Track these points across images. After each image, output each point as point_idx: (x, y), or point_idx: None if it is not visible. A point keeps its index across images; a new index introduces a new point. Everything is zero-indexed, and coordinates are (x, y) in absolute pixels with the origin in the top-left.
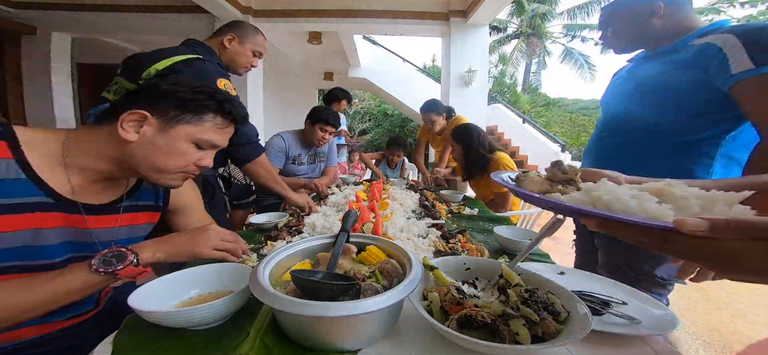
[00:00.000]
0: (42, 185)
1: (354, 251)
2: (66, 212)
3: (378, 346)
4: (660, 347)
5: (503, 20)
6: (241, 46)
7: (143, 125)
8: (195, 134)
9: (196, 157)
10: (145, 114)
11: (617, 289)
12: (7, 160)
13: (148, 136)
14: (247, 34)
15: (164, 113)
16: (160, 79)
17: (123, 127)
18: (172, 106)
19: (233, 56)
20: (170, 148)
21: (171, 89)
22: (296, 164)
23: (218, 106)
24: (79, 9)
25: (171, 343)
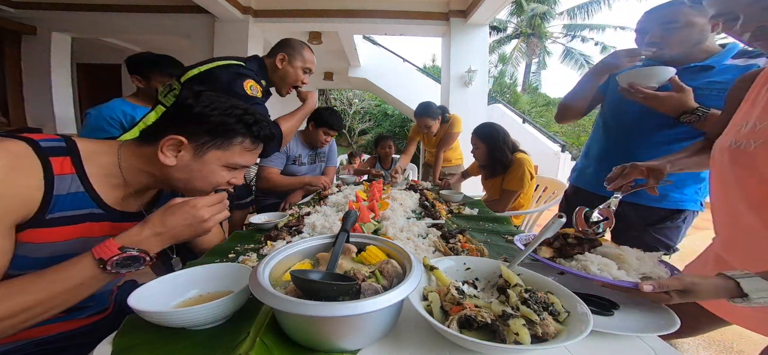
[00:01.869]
0: (96, 197)
1: (354, 251)
2: (113, 221)
3: (378, 346)
4: (659, 347)
5: (503, 20)
6: (290, 65)
7: (180, 150)
8: (225, 159)
9: (228, 177)
10: (182, 140)
11: (616, 289)
12: (71, 176)
13: (184, 161)
14: (294, 52)
15: (197, 138)
16: (195, 99)
17: (163, 152)
18: (204, 131)
19: (283, 76)
20: (204, 173)
21: (203, 112)
22: (297, 165)
23: (247, 129)
24: (79, 9)
25: (171, 343)
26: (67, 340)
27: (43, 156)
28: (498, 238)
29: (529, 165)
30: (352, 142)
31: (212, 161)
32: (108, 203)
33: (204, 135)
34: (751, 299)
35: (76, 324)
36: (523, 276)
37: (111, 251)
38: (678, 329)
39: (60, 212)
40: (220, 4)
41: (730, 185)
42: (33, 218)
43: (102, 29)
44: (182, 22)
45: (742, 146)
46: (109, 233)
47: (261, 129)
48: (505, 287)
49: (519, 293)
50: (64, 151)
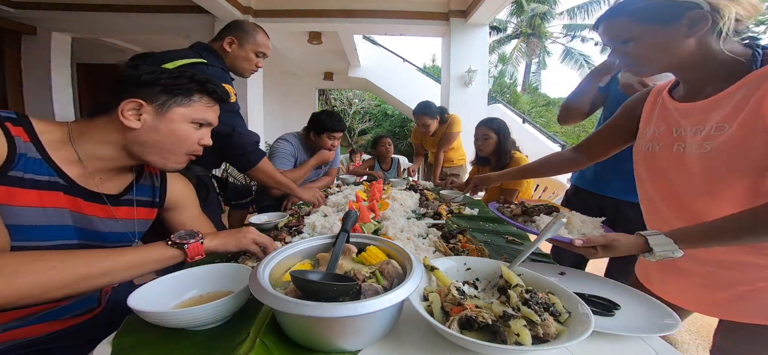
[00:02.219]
0: (54, 166)
1: (354, 251)
2: (74, 196)
3: (378, 347)
4: (661, 348)
5: (503, 20)
6: (241, 49)
7: (142, 113)
8: (190, 115)
9: (197, 136)
10: (140, 102)
11: (617, 289)
12: (26, 143)
13: (149, 123)
14: (246, 36)
15: (155, 99)
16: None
17: (124, 115)
18: (159, 92)
19: (234, 60)
20: (172, 131)
21: (152, 78)
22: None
23: (201, 87)
24: (79, 9)
25: (170, 343)
26: (55, 341)
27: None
28: (498, 238)
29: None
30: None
31: (178, 119)
32: (70, 176)
33: (161, 95)
34: (655, 252)
35: (63, 324)
36: (524, 277)
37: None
38: None
39: (22, 171)
40: (220, 4)
41: (646, 181)
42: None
43: (102, 29)
44: (182, 22)
45: (649, 149)
46: (72, 207)
47: (215, 86)
48: (506, 288)
49: (520, 293)
50: (17, 122)
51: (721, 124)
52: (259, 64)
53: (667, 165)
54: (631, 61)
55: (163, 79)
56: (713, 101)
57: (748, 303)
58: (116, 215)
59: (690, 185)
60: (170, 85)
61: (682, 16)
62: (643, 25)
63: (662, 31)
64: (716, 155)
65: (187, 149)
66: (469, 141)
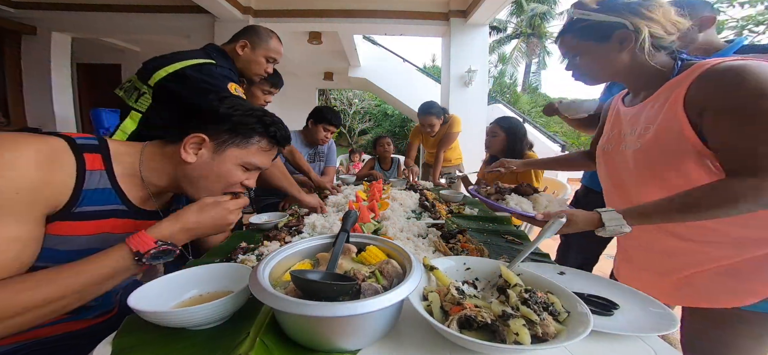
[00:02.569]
0: (121, 194)
1: (354, 251)
2: (134, 219)
3: (378, 346)
4: (659, 347)
5: (503, 20)
6: (253, 52)
7: (201, 148)
8: (242, 157)
9: (243, 177)
10: (204, 137)
11: (616, 289)
12: (100, 172)
13: (203, 159)
14: (259, 40)
15: (218, 136)
16: (220, 101)
17: (185, 149)
18: (225, 129)
19: (246, 64)
20: (222, 171)
21: (227, 113)
22: None
23: (265, 129)
24: (79, 9)
25: (170, 343)
26: (74, 339)
27: (78, 152)
28: (498, 238)
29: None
30: (352, 142)
31: (230, 160)
32: (132, 201)
33: (224, 133)
34: (607, 227)
35: (83, 324)
36: (523, 276)
37: (148, 245)
38: None
39: (87, 206)
40: (220, 4)
41: (604, 176)
42: (62, 210)
43: (102, 29)
44: (182, 22)
45: (605, 149)
46: (130, 229)
47: (278, 130)
48: (505, 287)
49: (519, 293)
50: (96, 149)
51: (647, 125)
52: (269, 69)
53: (617, 161)
54: (580, 72)
55: (235, 116)
56: (643, 105)
57: (690, 289)
58: None
59: (630, 178)
60: (237, 125)
61: (612, 34)
62: (584, 42)
63: (599, 47)
64: (644, 152)
65: (226, 189)
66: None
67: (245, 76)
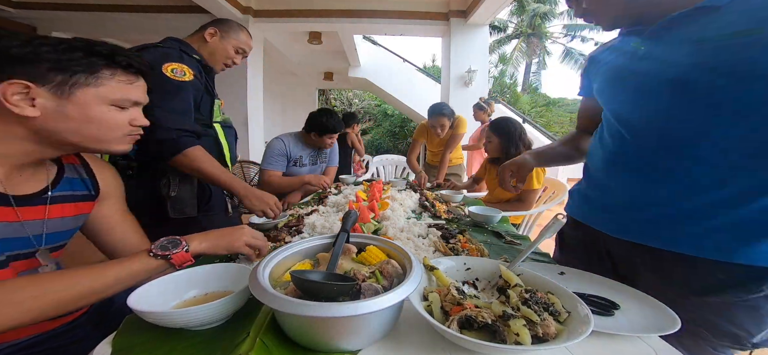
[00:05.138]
0: None
1: (354, 251)
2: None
3: (378, 346)
4: (660, 347)
5: (503, 20)
6: (222, 41)
7: (33, 97)
8: (106, 95)
9: (126, 118)
10: (25, 83)
11: (617, 289)
12: None
13: (51, 108)
14: (229, 30)
15: (47, 79)
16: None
17: (9, 101)
18: (48, 70)
19: (213, 51)
20: (87, 115)
21: (29, 53)
22: (298, 166)
23: (109, 61)
24: (79, 9)
25: (170, 343)
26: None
27: None
28: (498, 238)
29: None
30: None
31: (90, 102)
32: None
33: (52, 74)
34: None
35: (51, 325)
36: (524, 276)
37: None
38: None
39: None
40: (220, 4)
41: None
42: None
43: (102, 29)
44: (182, 23)
45: None
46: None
47: (126, 57)
48: (506, 288)
49: (519, 293)
50: None
51: None
52: (237, 60)
53: None
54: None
55: (45, 53)
56: None
57: None
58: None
59: None
60: (60, 62)
61: None
62: None
63: None
64: None
65: (120, 133)
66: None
67: (210, 64)
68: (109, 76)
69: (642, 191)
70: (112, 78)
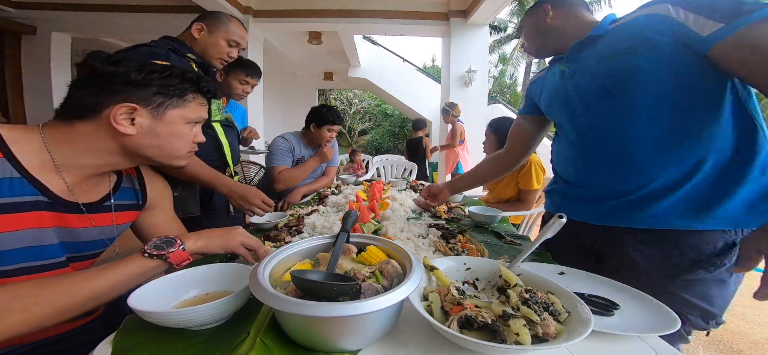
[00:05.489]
0: (37, 183)
1: (354, 251)
2: (59, 212)
3: (378, 346)
4: (660, 347)
5: (503, 20)
6: (210, 36)
7: (135, 117)
8: (185, 115)
9: (192, 134)
10: (134, 106)
11: (617, 289)
12: (1, 161)
13: (145, 127)
14: (217, 23)
15: (149, 101)
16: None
17: (117, 121)
18: (154, 93)
19: (204, 48)
20: (172, 133)
21: (143, 80)
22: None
23: (196, 87)
24: (79, 9)
25: (170, 343)
26: (54, 344)
27: None
28: (498, 238)
29: (536, 163)
30: (352, 142)
31: (176, 120)
32: (56, 193)
33: (155, 97)
34: None
35: (63, 328)
36: (524, 276)
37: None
38: None
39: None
40: (220, 4)
41: None
42: None
43: (102, 29)
44: (182, 22)
45: None
46: (57, 224)
47: (207, 84)
48: (506, 288)
49: (519, 293)
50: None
51: None
52: (232, 54)
53: None
54: None
55: (155, 80)
56: None
57: None
58: (114, 220)
59: None
60: (163, 87)
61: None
62: None
63: None
64: None
65: (188, 148)
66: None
67: (205, 62)
68: (191, 99)
69: (610, 183)
70: (193, 100)
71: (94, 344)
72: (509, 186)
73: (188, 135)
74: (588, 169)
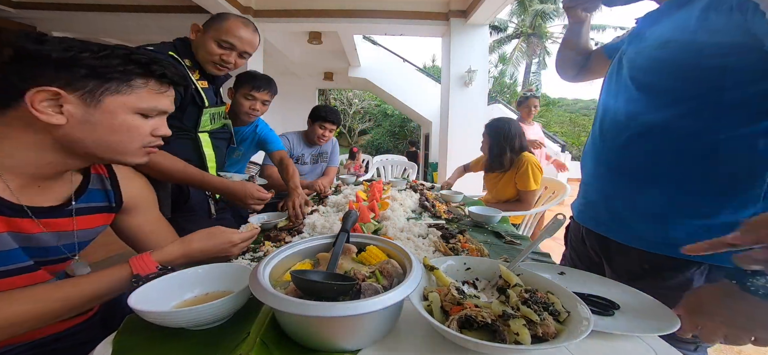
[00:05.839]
0: None
1: (354, 251)
2: (8, 216)
3: (378, 346)
4: (660, 347)
5: (503, 20)
6: (203, 35)
7: (62, 104)
8: (133, 104)
9: (148, 127)
10: (55, 90)
11: (617, 289)
12: None
13: (78, 116)
14: (211, 22)
15: (79, 85)
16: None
17: (37, 108)
18: (84, 76)
19: (197, 49)
20: (112, 124)
21: (69, 58)
22: (299, 164)
23: (144, 69)
24: (79, 9)
25: (171, 343)
26: (51, 344)
27: None
28: (498, 238)
29: (533, 164)
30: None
31: (117, 110)
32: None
33: (84, 80)
34: None
35: (60, 327)
36: (524, 276)
37: (149, 268)
38: None
39: None
40: (220, 4)
41: None
42: None
43: (102, 29)
44: (182, 22)
45: None
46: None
47: (161, 67)
48: (506, 288)
49: (519, 293)
50: None
51: None
52: (226, 57)
53: None
54: None
55: (86, 58)
56: None
57: None
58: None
59: None
60: (99, 68)
61: None
62: None
63: None
64: None
65: (140, 143)
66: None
67: (200, 65)
68: (141, 85)
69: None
70: (144, 87)
71: (91, 342)
72: (508, 186)
73: (140, 127)
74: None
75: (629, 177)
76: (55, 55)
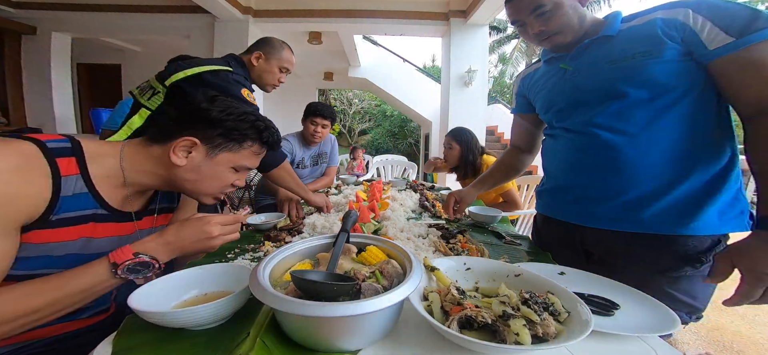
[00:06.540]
0: (98, 198)
1: (354, 251)
2: (117, 222)
3: (378, 346)
4: (660, 347)
5: (503, 20)
6: (266, 63)
7: (192, 151)
8: (235, 161)
9: (233, 179)
10: (195, 141)
11: (617, 289)
12: (76, 177)
13: (195, 163)
14: (272, 51)
15: (210, 140)
16: (211, 102)
17: (175, 152)
18: (218, 134)
19: (260, 74)
20: (213, 174)
21: (219, 117)
22: (300, 167)
23: (258, 135)
24: (79, 9)
25: (171, 343)
26: (71, 339)
27: (50, 157)
28: (498, 238)
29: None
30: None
31: (222, 163)
32: (110, 204)
33: (217, 138)
34: None
35: (79, 324)
36: (524, 276)
37: (125, 256)
38: None
39: (65, 213)
40: (220, 4)
41: None
42: (39, 219)
43: (102, 29)
44: (182, 22)
45: None
46: (111, 233)
47: (270, 135)
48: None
49: (519, 293)
50: (69, 152)
51: None
52: (282, 78)
53: None
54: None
55: (228, 122)
56: None
57: None
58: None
59: None
60: (230, 130)
61: None
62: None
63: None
64: None
65: (220, 190)
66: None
67: (259, 85)
68: (248, 146)
69: (604, 185)
70: (249, 148)
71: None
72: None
73: (229, 178)
74: (579, 170)
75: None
76: (213, 115)
